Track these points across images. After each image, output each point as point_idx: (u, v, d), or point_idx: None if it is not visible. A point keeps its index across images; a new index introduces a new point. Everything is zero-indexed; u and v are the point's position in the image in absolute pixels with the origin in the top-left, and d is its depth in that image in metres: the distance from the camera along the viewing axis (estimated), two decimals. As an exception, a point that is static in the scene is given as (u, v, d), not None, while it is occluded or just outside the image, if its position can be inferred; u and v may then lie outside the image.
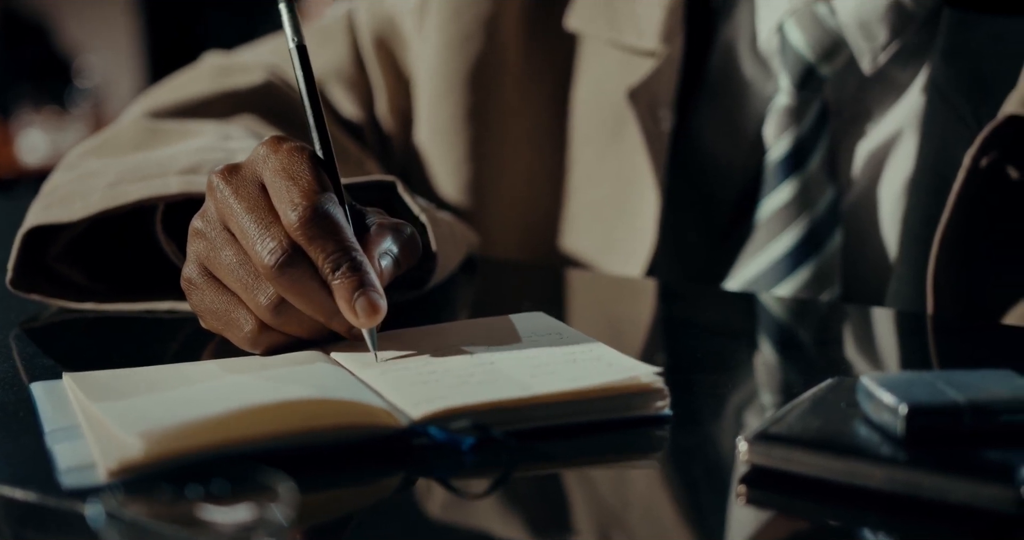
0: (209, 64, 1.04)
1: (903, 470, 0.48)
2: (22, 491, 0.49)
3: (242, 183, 0.65)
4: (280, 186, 0.64)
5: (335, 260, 0.63)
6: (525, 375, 0.59)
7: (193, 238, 0.67)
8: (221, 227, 0.66)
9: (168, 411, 0.54)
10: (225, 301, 0.66)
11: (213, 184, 0.66)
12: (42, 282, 0.79)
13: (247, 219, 0.64)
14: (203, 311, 0.67)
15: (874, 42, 0.89)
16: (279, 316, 0.64)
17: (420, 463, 0.54)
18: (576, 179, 1.00)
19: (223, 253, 0.65)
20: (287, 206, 0.63)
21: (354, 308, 0.62)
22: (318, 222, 0.63)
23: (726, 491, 0.52)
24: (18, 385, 0.64)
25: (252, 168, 0.66)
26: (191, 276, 0.67)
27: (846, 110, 0.92)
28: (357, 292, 0.62)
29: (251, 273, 0.64)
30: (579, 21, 0.98)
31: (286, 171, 0.65)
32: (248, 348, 0.66)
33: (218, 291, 0.66)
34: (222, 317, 0.66)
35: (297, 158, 0.65)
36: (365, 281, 0.63)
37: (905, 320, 0.81)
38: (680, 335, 0.79)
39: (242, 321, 0.65)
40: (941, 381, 0.52)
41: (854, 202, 0.92)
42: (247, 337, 0.65)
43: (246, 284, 0.64)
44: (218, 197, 0.65)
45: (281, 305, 0.64)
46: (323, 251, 0.63)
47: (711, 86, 0.97)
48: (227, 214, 0.65)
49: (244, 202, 0.64)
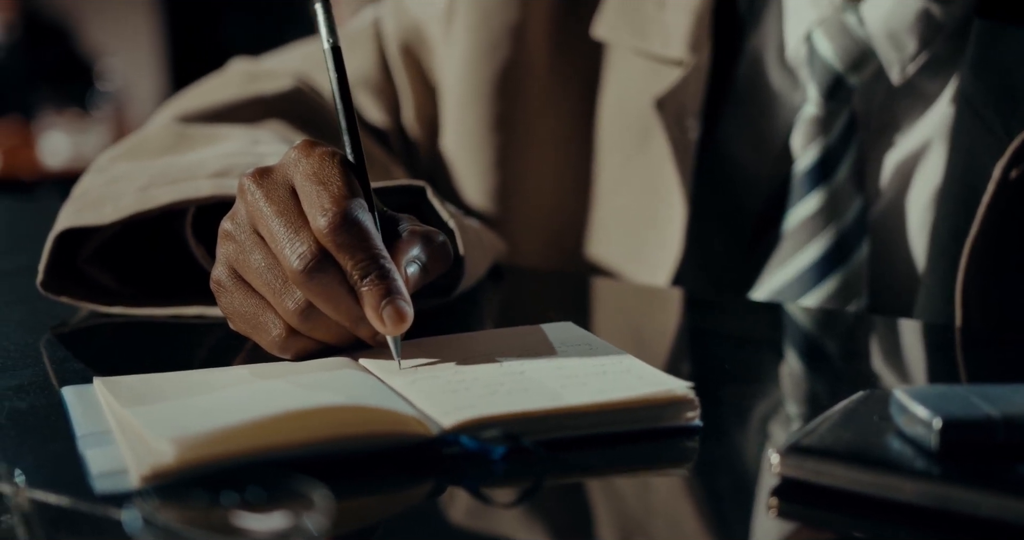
0: (237, 70, 1.04)
1: (936, 484, 0.48)
2: (55, 496, 0.49)
3: (273, 186, 0.65)
4: (311, 191, 0.64)
5: (363, 267, 0.63)
6: (555, 386, 0.59)
7: (223, 240, 0.67)
8: (251, 230, 0.66)
9: (200, 417, 0.55)
10: (254, 304, 0.66)
11: (244, 187, 0.66)
12: (72, 285, 0.79)
13: (276, 223, 0.64)
14: (232, 314, 0.67)
15: (903, 52, 0.89)
16: (306, 321, 0.64)
17: (451, 472, 0.54)
18: (602, 187, 1.00)
19: (252, 256, 0.65)
20: (317, 211, 0.63)
21: (381, 316, 0.62)
22: (347, 228, 0.63)
23: (757, 503, 0.52)
24: (49, 389, 0.64)
25: (283, 172, 0.66)
26: (220, 278, 0.67)
27: (874, 120, 0.92)
28: (384, 300, 0.62)
29: (279, 277, 0.64)
30: (607, 29, 0.98)
31: (317, 176, 0.65)
32: (277, 352, 0.66)
33: (247, 294, 0.66)
34: (251, 320, 0.66)
35: (328, 163, 0.65)
36: (392, 289, 0.63)
37: (933, 332, 0.81)
38: (706, 345, 0.79)
39: (270, 325, 0.66)
40: (975, 395, 0.51)
41: (882, 213, 0.91)
42: (275, 341, 0.66)
43: (274, 288, 0.64)
44: (248, 200, 0.66)
45: (309, 310, 0.64)
46: (351, 258, 0.63)
47: (738, 95, 0.97)
48: (257, 217, 0.65)
49: (274, 205, 0.65)
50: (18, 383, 0.65)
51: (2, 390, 0.64)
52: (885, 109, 0.91)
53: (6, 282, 0.93)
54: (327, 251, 0.63)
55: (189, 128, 0.91)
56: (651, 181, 0.96)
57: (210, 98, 0.97)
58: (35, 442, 0.57)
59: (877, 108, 0.92)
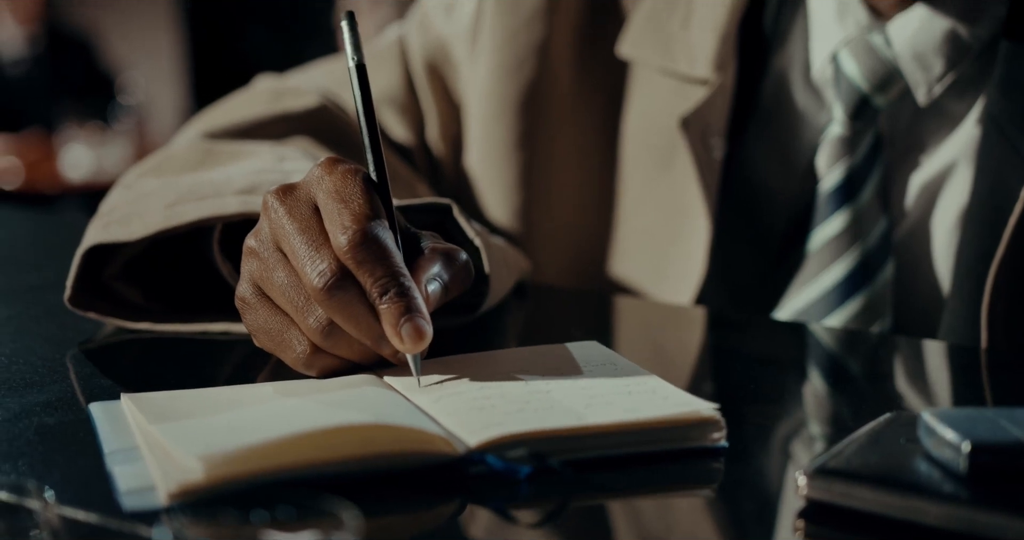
0: (263, 87, 1.04)
1: (964, 508, 0.48)
2: (84, 512, 0.49)
3: (296, 204, 0.66)
4: (332, 209, 0.65)
5: (383, 285, 0.63)
6: (580, 405, 0.59)
7: (247, 257, 0.68)
8: (274, 247, 0.66)
9: (227, 434, 0.55)
10: (278, 321, 0.66)
11: (268, 204, 0.66)
12: (99, 301, 0.80)
13: (298, 240, 0.64)
14: (256, 330, 0.68)
15: (930, 73, 0.89)
16: (328, 338, 0.65)
17: (477, 491, 0.54)
18: (626, 206, 1.00)
19: (275, 274, 0.66)
20: (337, 229, 0.64)
21: (400, 333, 0.62)
22: (367, 246, 0.63)
23: (783, 525, 0.52)
24: (77, 405, 0.64)
25: (306, 189, 0.67)
26: (245, 295, 0.68)
27: (900, 141, 0.92)
28: (403, 318, 0.62)
29: (302, 295, 0.65)
30: (632, 48, 0.98)
31: (339, 193, 0.65)
32: (301, 369, 0.66)
33: (271, 311, 0.67)
34: (275, 337, 0.67)
35: (351, 181, 0.66)
36: (412, 307, 0.63)
37: (958, 354, 0.81)
38: (731, 365, 0.79)
39: (295, 342, 0.66)
40: (1004, 418, 0.51)
41: (907, 234, 0.91)
42: (300, 358, 0.66)
43: (297, 306, 0.65)
44: (272, 217, 0.66)
45: (330, 328, 0.64)
46: (371, 276, 0.63)
47: (763, 115, 0.97)
48: (280, 234, 0.65)
49: (296, 223, 0.65)
50: (46, 399, 0.65)
51: (30, 406, 0.64)
52: (911, 129, 0.91)
53: (32, 296, 0.94)
54: (347, 269, 0.63)
55: (216, 145, 0.92)
56: (675, 200, 0.96)
57: (236, 115, 0.98)
58: (63, 458, 0.57)
59: (903, 128, 0.92)
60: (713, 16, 0.93)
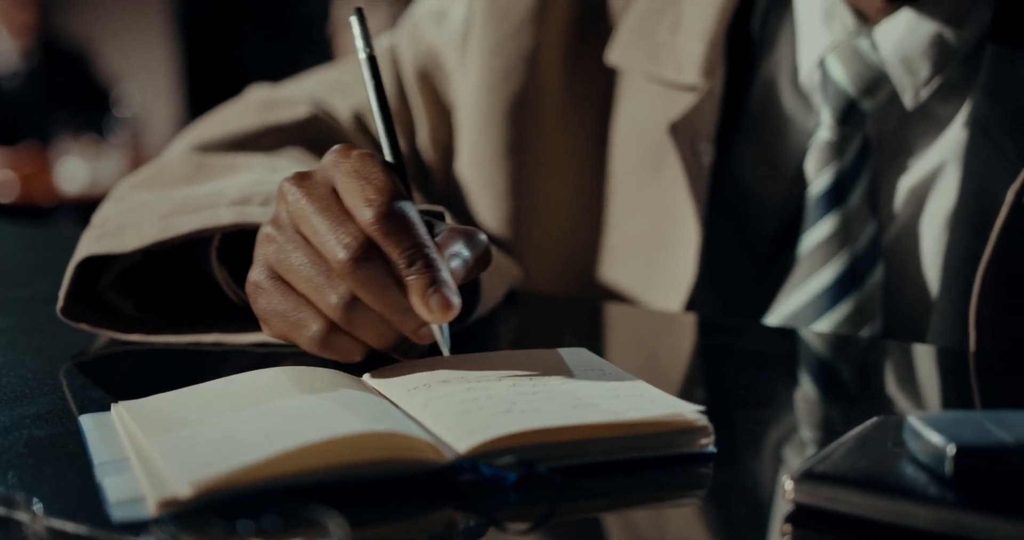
0: (254, 98, 1.05)
1: (950, 511, 0.48)
2: (73, 524, 0.49)
3: (314, 186, 0.66)
4: (353, 186, 0.65)
5: (410, 255, 0.63)
6: (567, 407, 0.59)
7: (262, 243, 0.68)
8: (292, 230, 0.66)
9: (217, 448, 0.55)
10: (293, 303, 0.67)
11: (284, 190, 0.67)
12: (91, 312, 0.80)
13: (319, 218, 0.65)
14: (269, 314, 0.68)
15: (916, 77, 0.89)
16: (350, 315, 0.65)
17: (464, 498, 0.54)
18: (616, 212, 1.01)
19: (293, 255, 0.66)
20: (362, 203, 0.64)
21: (428, 303, 0.63)
22: (393, 218, 0.64)
23: (771, 530, 0.52)
24: (67, 417, 0.64)
25: (323, 173, 0.67)
26: (258, 280, 0.68)
27: (888, 145, 0.92)
28: (431, 288, 0.63)
29: (322, 273, 0.65)
30: (620, 56, 0.98)
31: (358, 172, 0.66)
32: (314, 350, 0.67)
33: (286, 293, 0.67)
34: (289, 318, 0.67)
35: (368, 161, 0.66)
36: (439, 278, 0.63)
37: (947, 357, 0.81)
38: (720, 370, 0.79)
39: (310, 321, 0.66)
40: (989, 421, 0.51)
41: (895, 237, 0.92)
42: (315, 337, 0.66)
43: (316, 284, 0.65)
44: (290, 200, 0.66)
45: (353, 303, 0.64)
46: (397, 246, 0.63)
47: (752, 120, 0.97)
48: (299, 216, 0.66)
49: (317, 202, 0.65)
50: (36, 411, 0.65)
51: (20, 418, 0.64)
52: (898, 133, 0.92)
53: (24, 309, 0.94)
54: (373, 242, 0.64)
55: (207, 157, 0.92)
56: (665, 206, 0.96)
57: (228, 127, 0.98)
58: (53, 470, 0.57)
59: (890, 132, 0.92)
60: (701, 23, 0.93)
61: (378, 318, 0.65)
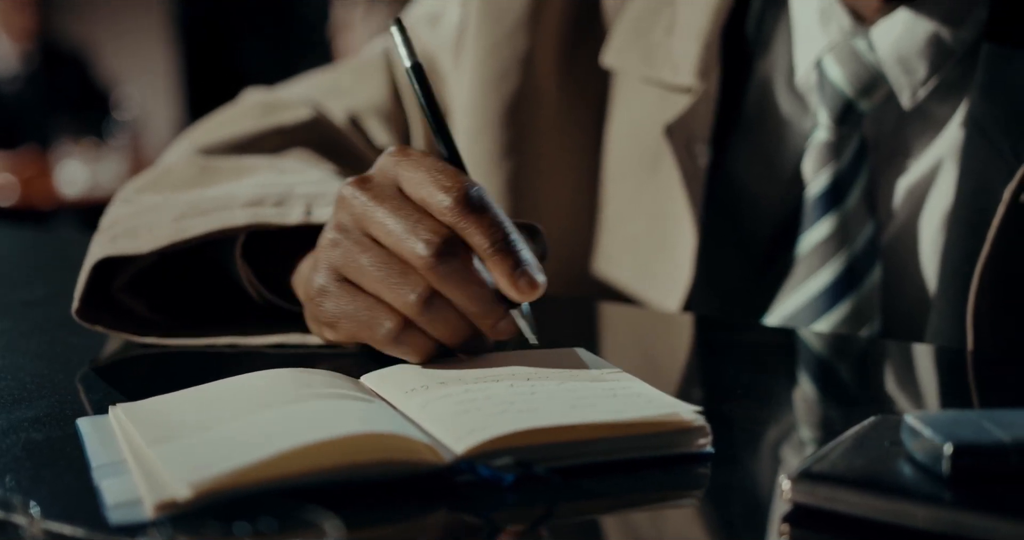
0: (253, 101, 1.05)
1: (948, 510, 0.48)
2: (70, 527, 0.49)
3: (379, 187, 0.67)
4: (423, 178, 0.65)
5: (493, 236, 0.64)
6: (565, 406, 0.59)
7: (327, 248, 0.68)
8: (360, 233, 0.67)
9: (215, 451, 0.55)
10: (365, 303, 0.67)
11: (347, 195, 0.67)
12: (104, 314, 0.80)
13: (394, 219, 0.65)
14: (338, 316, 0.68)
15: (913, 77, 0.89)
16: (427, 311, 0.65)
17: (462, 499, 0.54)
18: (613, 214, 1.01)
19: (362, 257, 0.66)
20: (437, 191, 0.64)
21: (516, 283, 0.63)
22: (473, 201, 0.64)
23: (769, 530, 0.52)
24: (65, 420, 0.64)
25: (384, 173, 0.68)
26: (324, 284, 0.68)
27: (885, 145, 0.92)
28: (517, 268, 0.64)
29: (396, 271, 0.65)
30: (615, 58, 0.99)
31: (425, 165, 0.66)
32: (389, 349, 0.67)
33: (355, 294, 0.67)
34: (361, 319, 0.67)
35: (431, 158, 0.67)
36: (524, 258, 0.64)
37: (945, 356, 0.81)
38: (719, 370, 0.79)
39: (383, 319, 0.66)
40: (986, 420, 0.51)
41: (893, 237, 0.92)
42: (389, 335, 0.66)
43: (391, 283, 0.65)
44: (356, 205, 0.67)
45: (430, 300, 0.65)
46: (480, 229, 0.64)
47: (748, 121, 0.97)
48: (368, 219, 0.66)
49: (387, 203, 0.66)
50: (34, 415, 0.65)
51: (18, 422, 0.64)
52: (896, 134, 0.92)
53: (22, 313, 0.94)
54: (453, 236, 0.64)
55: (213, 160, 0.92)
56: (661, 207, 0.96)
57: (230, 130, 0.99)
58: (51, 474, 0.57)
59: (888, 133, 0.92)
60: (696, 24, 0.93)
61: (453, 314, 0.66)
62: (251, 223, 0.77)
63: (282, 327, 0.79)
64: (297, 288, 0.79)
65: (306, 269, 0.77)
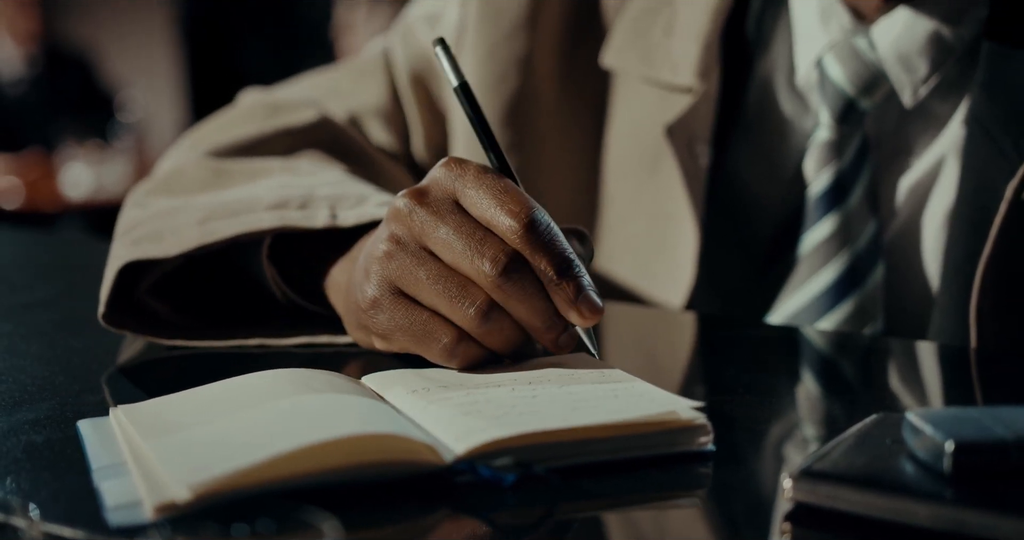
0: (256, 103, 1.05)
1: (950, 508, 0.48)
2: (70, 529, 0.49)
3: (437, 204, 0.67)
4: (488, 199, 0.66)
5: (558, 264, 0.65)
6: (567, 409, 0.59)
7: (382, 261, 0.68)
8: (417, 247, 0.67)
9: (215, 452, 0.55)
10: (421, 316, 0.67)
11: (403, 207, 0.67)
12: (128, 317, 0.80)
13: (456, 236, 0.65)
14: (392, 329, 0.68)
15: (914, 75, 0.89)
16: (486, 324, 0.66)
17: (463, 500, 0.54)
18: (614, 214, 1.01)
19: (420, 271, 0.66)
20: (504, 214, 0.65)
21: (579, 308, 0.65)
22: (540, 228, 0.65)
23: (771, 529, 0.52)
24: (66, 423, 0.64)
25: (442, 187, 0.68)
26: (377, 296, 0.68)
27: (887, 143, 0.92)
28: (580, 294, 0.65)
29: (457, 284, 0.66)
30: (615, 58, 0.98)
31: (490, 186, 0.66)
32: (444, 361, 0.67)
33: (410, 308, 0.67)
34: (416, 332, 0.67)
35: (492, 174, 0.67)
36: (586, 283, 0.66)
37: (948, 354, 0.81)
38: (721, 369, 0.79)
39: (440, 333, 0.67)
40: (988, 417, 0.51)
41: (896, 236, 0.91)
42: (445, 348, 0.67)
43: (450, 296, 0.66)
44: (415, 220, 0.67)
45: (490, 312, 0.65)
46: (546, 255, 0.65)
47: (748, 121, 0.97)
48: (427, 234, 0.66)
49: (450, 219, 0.66)
50: (35, 417, 0.65)
51: (19, 424, 0.64)
52: (897, 132, 0.92)
53: (23, 315, 0.94)
54: (517, 254, 0.65)
55: (224, 163, 0.92)
56: (663, 207, 0.96)
57: (237, 132, 0.99)
58: (51, 476, 0.57)
59: (889, 131, 0.92)
60: (696, 24, 0.93)
61: (510, 326, 0.66)
62: (278, 226, 0.78)
63: (308, 327, 0.80)
64: (333, 295, 0.79)
65: (342, 276, 0.77)
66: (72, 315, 0.94)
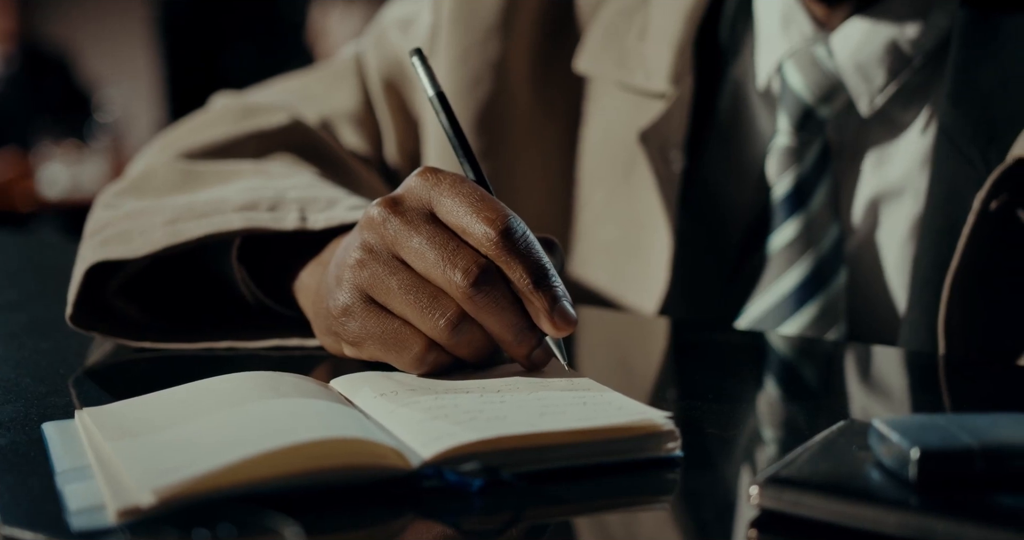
0: (228, 106, 1.04)
1: (915, 515, 0.48)
2: (31, 533, 0.49)
3: (412, 213, 0.67)
4: (463, 208, 0.65)
5: (534, 273, 0.65)
6: (534, 414, 0.59)
7: (354, 269, 0.68)
8: (390, 256, 0.67)
9: (179, 454, 0.54)
10: (392, 325, 0.67)
11: (378, 217, 0.67)
12: (98, 319, 0.80)
13: (429, 246, 0.65)
14: (363, 337, 0.68)
15: (871, 84, 0.89)
16: (456, 335, 0.65)
17: (429, 505, 0.53)
18: (587, 219, 1.01)
19: (391, 280, 0.66)
20: (481, 223, 0.65)
21: (552, 319, 0.64)
22: (514, 237, 0.65)
23: (736, 535, 0.52)
24: (29, 426, 0.63)
25: (417, 196, 0.67)
26: (350, 304, 0.68)
27: (848, 151, 0.92)
28: (555, 305, 0.64)
29: (427, 294, 0.65)
30: (589, 64, 0.98)
31: (466, 195, 0.66)
32: (414, 369, 0.67)
33: (381, 316, 0.67)
34: (387, 340, 0.67)
35: (468, 183, 0.67)
36: (560, 293, 0.65)
37: (916, 361, 0.81)
38: (691, 374, 0.79)
39: (410, 342, 0.66)
40: (954, 425, 0.51)
41: (860, 241, 0.92)
42: (415, 356, 0.66)
43: (421, 306, 0.65)
44: (388, 228, 0.66)
45: (461, 323, 0.65)
46: (520, 264, 0.65)
47: (720, 126, 0.97)
48: (400, 243, 0.66)
49: (423, 229, 0.66)
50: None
51: (-17, 426, 0.63)
52: (858, 139, 0.92)
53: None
54: (490, 265, 0.64)
55: (195, 164, 0.92)
56: (636, 213, 0.96)
57: (208, 135, 0.98)
58: (14, 479, 0.56)
59: (850, 139, 0.92)
60: (669, 29, 0.93)
61: (480, 336, 0.66)
62: (247, 227, 0.77)
63: (278, 329, 0.80)
64: (302, 297, 0.79)
65: (311, 279, 0.77)
66: (41, 317, 0.93)
